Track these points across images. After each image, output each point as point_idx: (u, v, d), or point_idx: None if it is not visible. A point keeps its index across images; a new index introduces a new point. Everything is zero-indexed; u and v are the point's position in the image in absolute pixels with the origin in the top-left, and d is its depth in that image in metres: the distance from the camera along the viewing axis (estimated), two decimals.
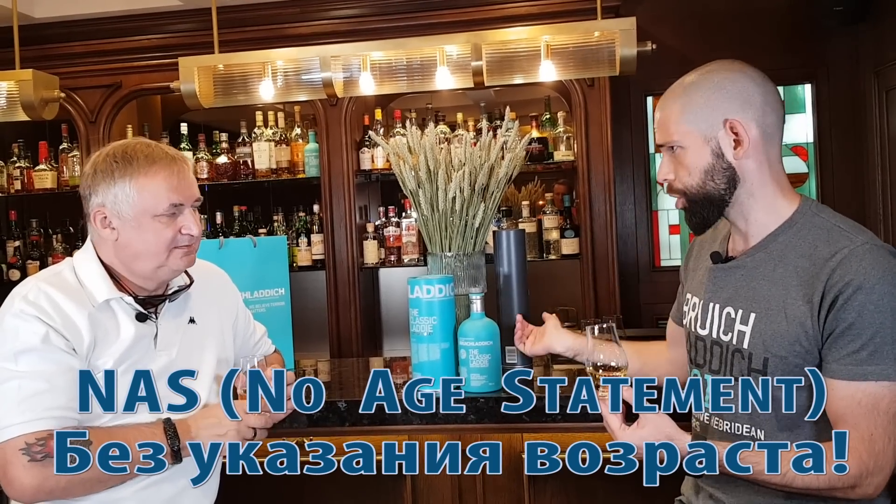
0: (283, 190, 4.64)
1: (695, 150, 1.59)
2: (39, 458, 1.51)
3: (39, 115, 3.15)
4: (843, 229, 1.54)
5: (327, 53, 3.04)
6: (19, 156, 4.52)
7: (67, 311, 1.62)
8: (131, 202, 1.66)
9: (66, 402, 1.57)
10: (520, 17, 3.90)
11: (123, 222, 1.67)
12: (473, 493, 2.18)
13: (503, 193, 2.46)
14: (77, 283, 1.68)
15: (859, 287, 1.44)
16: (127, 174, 1.66)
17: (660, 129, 1.66)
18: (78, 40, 4.27)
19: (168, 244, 1.68)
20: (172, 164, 1.69)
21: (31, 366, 1.56)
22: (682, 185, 1.63)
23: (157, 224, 1.67)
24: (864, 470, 1.43)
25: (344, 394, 2.32)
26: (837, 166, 4.45)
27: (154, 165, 1.67)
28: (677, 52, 4.18)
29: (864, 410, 1.44)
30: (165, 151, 1.71)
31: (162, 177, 1.67)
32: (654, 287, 4.59)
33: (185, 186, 1.70)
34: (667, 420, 1.54)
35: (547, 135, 4.24)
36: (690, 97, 1.60)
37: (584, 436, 2.10)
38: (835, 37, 4.37)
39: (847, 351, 1.46)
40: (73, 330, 1.61)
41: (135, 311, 1.70)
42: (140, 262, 1.70)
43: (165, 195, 1.67)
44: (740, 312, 1.59)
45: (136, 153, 1.68)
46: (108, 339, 1.66)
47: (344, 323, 4.20)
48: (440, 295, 2.19)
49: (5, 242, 4.61)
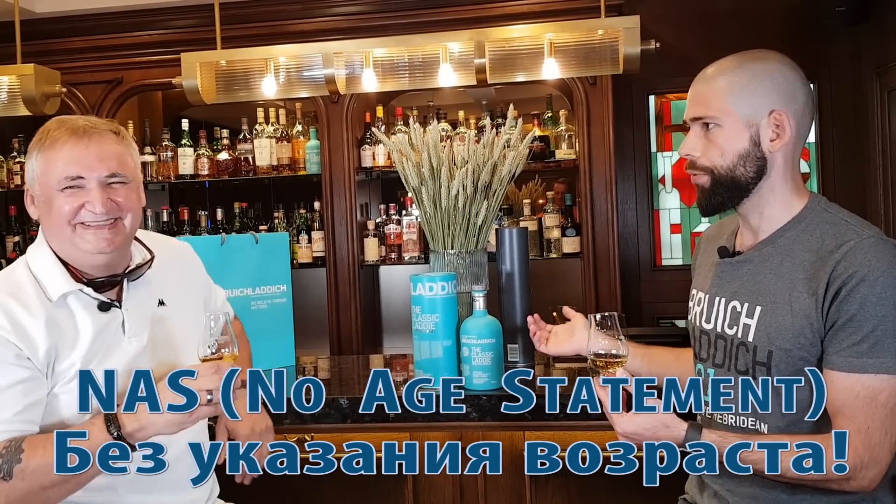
0: (284, 187, 4.64)
1: (733, 132, 1.57)
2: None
3: (40, 109, 3.14)
4: (851, 224, 1.54)
5: (330, 50, 3.04)
6: (19, 151, 4.52)
7: (21, 318, 1.54)
8: (39, 175, 1.60)
9: (13, 414, 1.49)
10: (523, 14, 3.89)
11: (37, 198, 1.62)
12: (475, 491, 2.18)
13: (505, 191, 2.46)
14: (32, 280, 1.60)
15: (862, 279, 1.44)
16: (37, 148, 1.60)
17: (697, 103, 1.60)
18: (79, 35, 4.27)
19: (67, 219, 1.58)
20: (75, 136, 1.59)
21: None
22: (709, 163, 1.59)
23: (59, 197, 1.58)
24: (860, 462, 1.44)
25: (344, 391, 2.31)
26: (839, 166, 4.45)
27: (58, 139, 1.59)
28: (679, 51, 4.18)
29: (862, 403, 1.45)
30: (76, 124, 1.61)
31: (67, 148, 1.58)
32: (655, 286, 4.58)
33: (89, 159, 1.59)
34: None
35: (548, 133, 4.24)
36: (740, 77, 1.57)
37: (586, 434, 2.10)
38: (837, 37, 4.36)
39: (848, 343, 1.46)
40: (26, 338, 1.53)
41: (95, 301, 1.62)
42: (55, 241, 1.62)
43: (63, 167, 1.57)
44: (746, 306, 1.59)
45: (48, 128, 1.61)
46: (67, 340, 1.58)
47: (344, 320, 4.19)
48: (443, 292, 2.18)
49: (5, 238, 4.61)
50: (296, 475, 2.20)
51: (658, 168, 4.67)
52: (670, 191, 4.67)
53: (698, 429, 1.52)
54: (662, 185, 4.68)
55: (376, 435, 2.18)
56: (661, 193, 4.68)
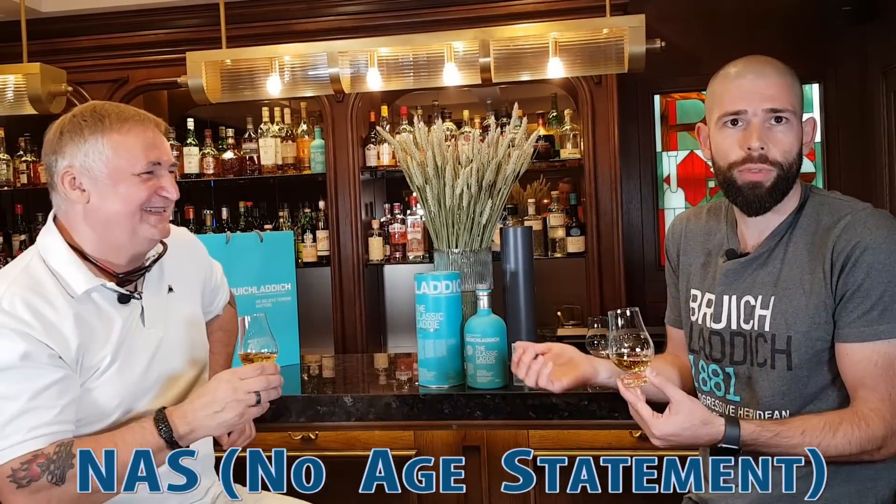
0: (289, 186, 4.64)
1: (797, 127, 1.60)
2: (26, 484, 1.43)
3: (46, 108, 3.15)
4: (844, 200, 1.60)
5: (335, 49, 3.04)
6: (26, 150, 4.54)
7: (50, 316, 1.51)
8: (105, 159, 1.55)
9: (53, 416, 1.47)
10: (528, 13, 3.89)
11: (95, 182, 1.56)
12: (479, 489, 2.18)
13: (510, 190, 2.45)
14: (51, 276, 1.56)
15: (866, 248, 1.48)
16: (98, 131, 1.55)
17: (773, 93, 1.56)
18: (85, 34, 4.28)
19: (141, 204, 1.57)
20: (146, 122, 1.60)
21: (10, 386, 1.45)
22: (781, 156, 1.57)
23: (133, 182, 1.56)
24: (890, 430, 1.46)
25: (349, 389, 2.32)
26: (844, 166, 4.44)
27: (127, 122, 1.57)
28: (684, 51, 4.17)
29: (881, 371, 1.47)
30: (137, 110, 1.62)
31: (136, 132, 1.58)
32: (660, 286, 4.52)
33: (161, 146, 1.61)
34: (699, 404, 1.51)
35: (553, 132, 4.24)
36: (794, 78, 1.60)
37: (590, 433, 2.10)
38: (843, 37, 4.35)
39: (858, 313, 1.49)
40: (57, 337, 1.50)
41: (115, 294, 1.61)
42: (111, 228, 1.58)
43: (143, 152, 1.57)
44: (760, 298, 1.60)
45: (105, 110, 1.58)
46: (96, 336, 1.57)
47: (349, 319, 4.20)
48: (447, 291, 2.18)
49: (11, 236, 4.62)
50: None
51: (663, 168, 4.67)
52: (675, 190, 4.67)
53: (735, 422, 1.49)
54: (667, 185, 4.67)
55: (381, 434, 2.19)
56: (667, 193, 4.68)
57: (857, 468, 1.53)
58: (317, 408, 2.18)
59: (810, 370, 1.55)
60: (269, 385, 1.55)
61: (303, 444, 2.20)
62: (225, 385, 1.54)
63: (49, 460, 1.45)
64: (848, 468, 1.53)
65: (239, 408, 1.53)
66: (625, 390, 1.53)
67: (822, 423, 1.48)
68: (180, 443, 1.53)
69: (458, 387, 2.19)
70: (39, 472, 1.44)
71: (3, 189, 4.56)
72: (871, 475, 1.55)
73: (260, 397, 1.54)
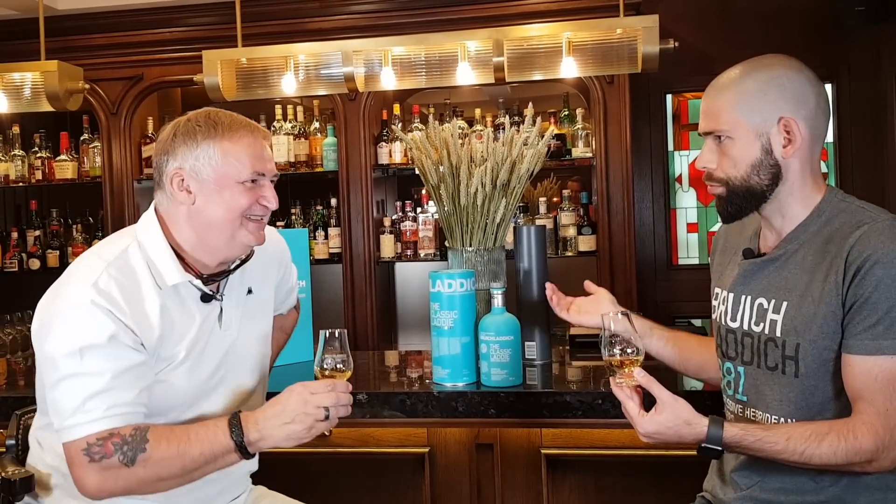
0: (301, 183, 4.66)
1: (744, 142, 1.58)
2: (98, 459, 1.49)
3: (64, 105, 3.18)
4: (867, 210, 1.57)
5: (349, 48, 3.06)
6: (41, 146, 4.57)
7: (138, 300, 1.57)
8: (214, 164, 1.61)
9: (133, 398, 1.53)
10: (541, 13, 3.89)
11: (202, 185, 1.62)
12: (491, 486, 2.19)
13: (524, 189, 2.47)
14: (145, 264, 1.61)
15: (877, 261, 1.46)
16: (210, 137, 1.62)
17: (708, 117, 1.62)
18: (100, 32, 4.31)
19: (243, 211, 1.63)
20: (256, 132, 1.67)
21: (96, 363, 1.50)
22: (724, 175, 1.61)
23: (237, 190, 1.62)
24: (881, 444, 1.45)
25: (361, 386, 2.33)
26: (857, 166, 4.43)
27: (239, 131, 1.64)
28: (697, 50, 4.17)
29: (880, 385, 1.46)
30: (249, 122, 1.69)
31: (246, 142, 1.64)
32: (672, 285, 4.58)
33: (267, 157, 1.68)
34: (684, 404, 1.55)
35: (565, 131, 4.24)
36: (746, 88, 1.58)
37: (603, 432, 2.11)
38: (856, 36, 4.34)
39: (864, 325, 1.48)
40: (143, 324, 1.56)
41: (199, 292, 1.67)
42: (212, 231, 1.64)
43: (250, 162, 1.63)
44: (773, 302, 1.60)
45: (219, 118, 1.65)
46: (176, 329, 1.62)
47: (360, 316, 4.21)
48: (461, 289, 2.20)
49: (26, 232, 4.65)
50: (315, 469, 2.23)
51: (675, 167, 4.67)
52: (687, 190, 4.67)
53: (720, 424, 1.53)
54: (679, 184, 4.67)
55: (395, 430, 2.20)
56: (678, 192, 4.68)
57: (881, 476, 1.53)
58: None
59: (817, 379, 1.55)
60: (338, 402, 1.58)
61: (317, 440, 2.20)
62: (296, 397, 1.56)
63: (124, 441, 1.50)
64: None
65: (308, 421, 1.55)
66: (616, 389, 1.60)
67: (810, 431, 1.49)
68: (249, 449, 1.56)
69: (471, 384, 2.20)
70: (113, 450, 1.49)
71: (19, 185, 4.59)
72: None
73: (329, 413, 1.56)
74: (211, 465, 1.55)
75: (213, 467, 1.57)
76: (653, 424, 1.54)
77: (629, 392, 1.59)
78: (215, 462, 1.55)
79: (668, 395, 1.55)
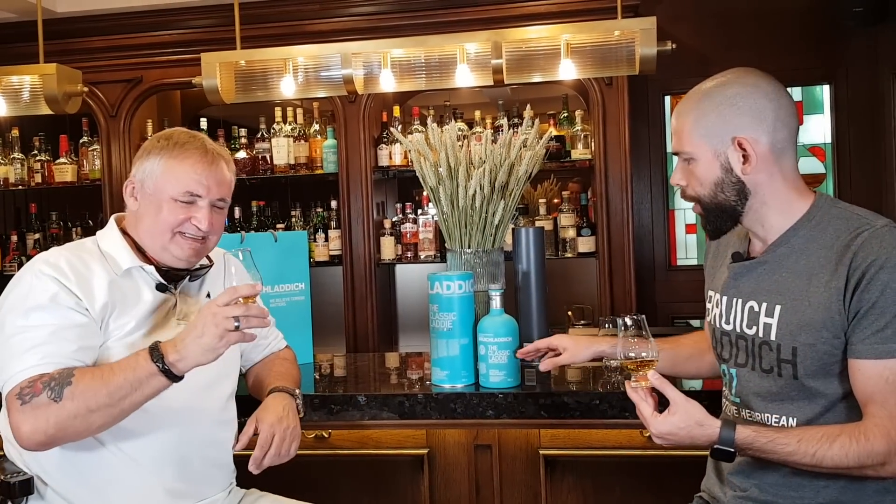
0: (301, 185, 4.66)
1: (705, 163, 1.63)
2: (29, 400, 1.56)
3: (62, 108, 3.18)
4: (862, 216, 1.57)
5: (348, 50, 3.06)
6: (40, 149, 4.57)
7: (85, 272, 1.70)
8: (154, 178, 1.76)
9: (70, 352, 1.62)
10: (539, 15, 3.90)
11: (144, 195, 1.77)
12: (490, 487, 2.20)
13: (522, 191, 2.47)
14: (99, 254, 1.76)
15: (882, 266, 1.47)
16: (159, 153, 1.77)
17: (675, 137, 1.69)
18: (99, 35, 4.31)
19: (171, 227, 1.75)
20: (205, 157, 1.77)
21: (39, 320, 1.62)
22: (694, 193, 1.67)
23: (169, 206, 1.75)
24: (894, 447, 1.45)
25: (361, 388, 2.34)
26: (855, 167, 4.43)
27: (186, 152, 1.76)
28: (696, 51, 4.18)
29: (891, 388, 1.47)
30: (205, 144, 1.79)
31: (189, 164, 1.75)
32: (670, 286, 4.59)
33: (208, 181, 1.77)
34: (697, 406, 1.56)
35: (564, 133, 4.25)
36: (703, 110, 1.62)
37: (602, 433, 2.12)
38: (854, 38, 4.35)
39: (872, 330, 1.48)
40: (87, 290, 1.68)
41: (155, 281, 1.78)
42: (147, 237, 1.78)
43: (185, 182, 1.75)
44: (764, 305, 1.61)
45: (177, 137, 1.79)
46: (127, 302, 1.73)
47: (360, 318, 4.22)
48: (460, 291, 2.21)
49: (25, 235, 4.66)
50: (314, 470, 2.23)
51: (673, 168, 4.66)
52: None
53: (732, 425, 1.54)
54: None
55: (394, 432, 2.21)
56: (677, 194, 4.68)
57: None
58: (330, 406, 2.21)
59: (817, 381, 1.55)
60: (247, 312, 1.60)
61: (316, 442, 2.23)
62: (205, 311, 1.61)
63: (52, 378, 1.58)
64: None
65: (217, 331, 1.58)
66: (631, 391, 1.63)
67: (821, 433, 1.49)
68: (172, 370, 1.59)
69: (470, 386, 2.21)
70: (41, 388, 1.57)
71: (18, 188, 4.59)
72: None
73: (239, 323, 1.59)
74: (138, 391, 1.59)
75: (141, 395, 1.60)
76: (666, 425, 1.56)
77: (644, 394, 1.61)
78: (141, 388, 1.59)
79: (681, 397, 1.57)
